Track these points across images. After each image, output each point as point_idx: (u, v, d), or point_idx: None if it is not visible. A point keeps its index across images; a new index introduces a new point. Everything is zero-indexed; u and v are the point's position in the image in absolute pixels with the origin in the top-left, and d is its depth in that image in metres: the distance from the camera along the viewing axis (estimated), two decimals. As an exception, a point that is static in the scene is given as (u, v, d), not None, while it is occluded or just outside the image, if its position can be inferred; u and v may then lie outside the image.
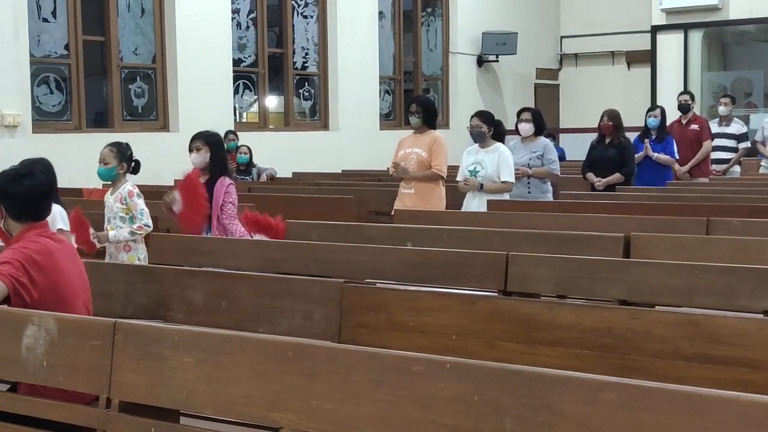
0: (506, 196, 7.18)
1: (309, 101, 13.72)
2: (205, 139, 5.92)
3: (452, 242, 5.03)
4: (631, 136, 9.10)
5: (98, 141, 10.53)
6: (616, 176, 8.28)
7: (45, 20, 10.46)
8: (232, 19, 12.25)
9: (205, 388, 2.59)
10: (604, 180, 8.28)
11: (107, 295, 4.30)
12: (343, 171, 12.20)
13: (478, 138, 7.19)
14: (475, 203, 7.09)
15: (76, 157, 9.42)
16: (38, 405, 2.96)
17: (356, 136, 13.54)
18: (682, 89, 14.55)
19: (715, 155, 10.34)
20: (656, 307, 3.65)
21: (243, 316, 3.96)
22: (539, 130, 7.94)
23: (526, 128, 7.88)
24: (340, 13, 13.50)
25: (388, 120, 14.85)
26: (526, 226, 5.56)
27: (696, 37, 16.36)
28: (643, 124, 9.60)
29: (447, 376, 2.24)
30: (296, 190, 9.13)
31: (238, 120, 12.57)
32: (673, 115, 10.31)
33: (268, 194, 8.54)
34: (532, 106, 17.24)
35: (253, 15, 12.69)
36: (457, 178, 7.32)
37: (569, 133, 16.85)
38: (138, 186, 5.81)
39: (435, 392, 2.24)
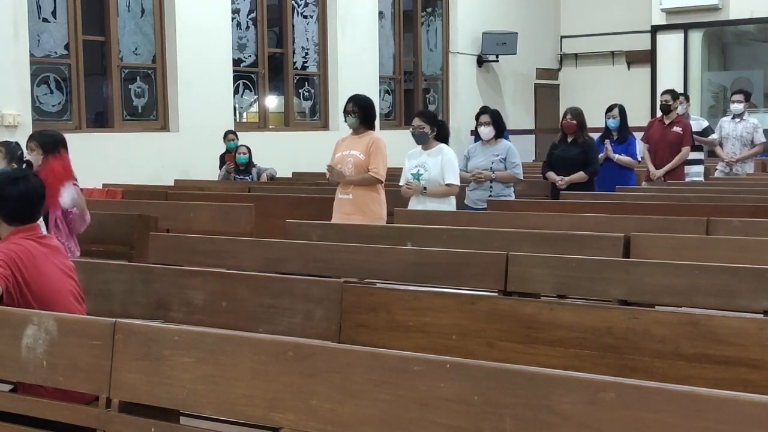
0: (452, 200, 6.88)
1: (309, 101, 13.72)
2: (38, 140, 5.50)
3: (452, 242, 5.02)
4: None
5: (98, 141, 10.66)
6: (580, 175, 7.98)
7: (45, 20, 10.46)
8: (232, 19, 12.26)
9: (205, 388, 2.59)
10: (566, 178, 7.97)
11: (107, 295, 4.30)
12: (343, 171, 12.18)
13: (420, 139, 6.84)
14: (419, 209, 6.71)
15: (75, 157, 9.38)
16: (38, 405, 2.96)
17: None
18: (683, 89, 14.57)
19: None
20: (656, 307, 3.64)
21: (243, 316, 3.96)
22: (500, 133, 7.60)
23: (486, 131, 7.55)
24: (340, 13, 13.51)
25: (388, 120, 14.85)
26: (526, 226, 5.56)
27: (696, 37, 16.37)
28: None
29: (447, 376, 2.24)
30: (296, 190, 9.12)
31: (238, 120, 12.58)
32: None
33: (268, 194, 8.54)
34: (533, 105, 17.39)
35: (253, 15, 12.69)
36: (400, 183, 6.97)
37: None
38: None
39: (435, 392, 2.24)
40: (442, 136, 6.95)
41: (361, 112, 6.67)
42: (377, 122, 14.66)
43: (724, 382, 3.00)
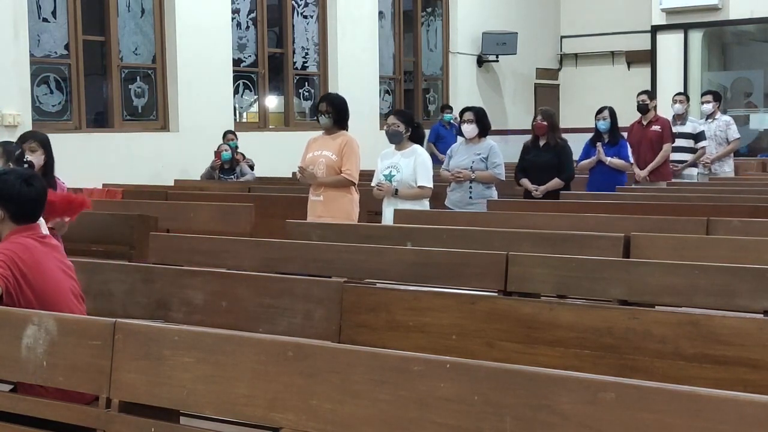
0: (425, 202, 6.71)
1: (309, 101, 13.72)
2: (39, 140, 5.42)
3: (452, 242, 5.02)
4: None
5: (98, 141, 10.66)
6: (555, 182, 7.66)
7: (45, 20, 10.46)
8: (232, 19, 12.26)
9: (205, 388, 2.59)
10: (541, 188, 7.65)
11: (107, 295, 4.30)
12: (343, 171, 12.18)
13: (394, 138, 6.72)
14: (389, 210, 6.56)
15: (76, 157, 9.42)
16: (38, 405, 2.96)
17: (356, 136, 13.50)
18: (682, 89, 14.57)
19: (671, 155, 9.60)
20: (656, 307, 3.65)
21: (243, 316, 3.96)
22: (484, 131, 7.36)
23: (470, 129, 7.31)
24: (340, 13, 13.51)
25: (388, 120, 14.85)
26: (526, 226, 5.56)
27: (696, 37, 16.36)
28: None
29: (447, 376, 2.24)
30: (296, 190, 9.11)
31: (238, 120, 12.58)
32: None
33: (268, 194, 8.54)
34: (533, 106, 17.36)
35: (253, 15, 12.69)
36: (372, 183, 6.84)
37: (569, 133, 16.75)
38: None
39: (435, 392, 2.24)
40: (417, 137, 6.82)
41: (335, 112, 6.53)
42: (377, 122, 14.76)
43: (724, 382, 3.00)
